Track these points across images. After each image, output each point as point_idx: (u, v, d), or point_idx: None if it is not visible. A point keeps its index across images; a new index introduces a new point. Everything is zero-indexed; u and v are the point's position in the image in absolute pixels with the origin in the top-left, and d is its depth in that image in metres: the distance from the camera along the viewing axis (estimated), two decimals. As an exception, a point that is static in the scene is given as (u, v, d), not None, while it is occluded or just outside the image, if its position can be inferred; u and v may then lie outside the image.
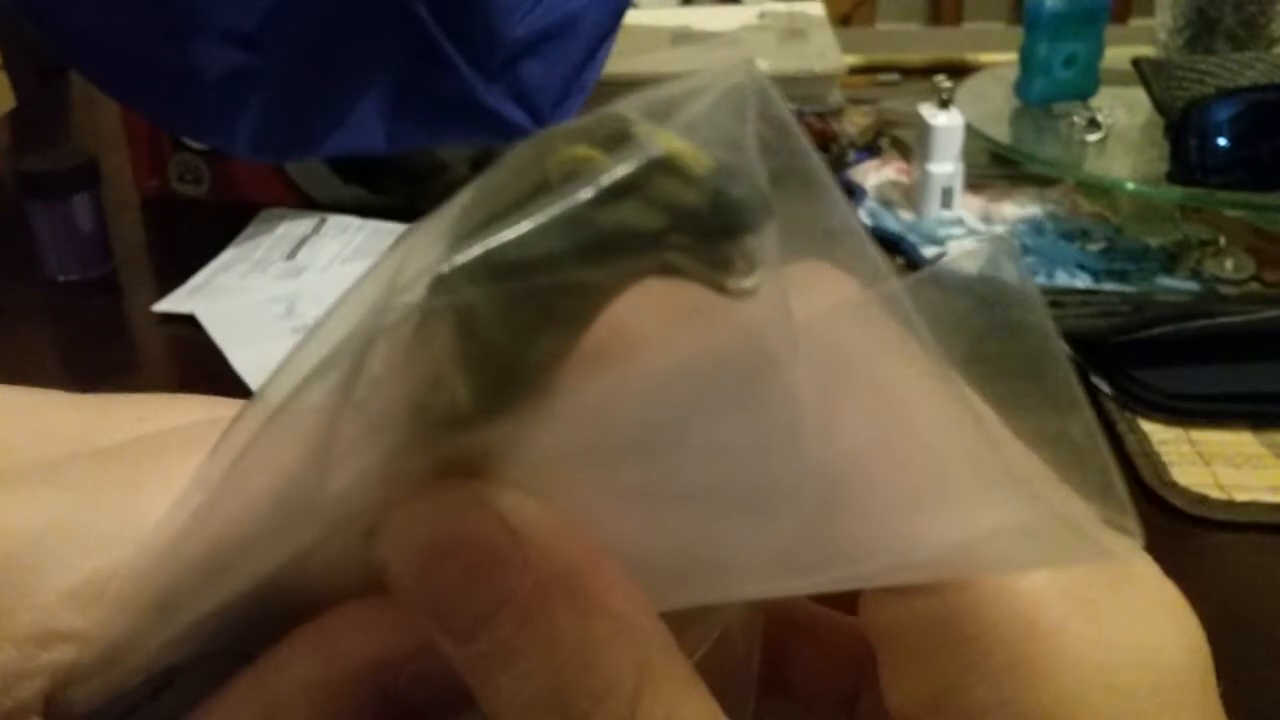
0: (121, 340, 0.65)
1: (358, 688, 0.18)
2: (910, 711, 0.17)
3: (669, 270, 0.14)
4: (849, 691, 0.21)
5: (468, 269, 0.14)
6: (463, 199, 0.15)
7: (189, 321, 0.63)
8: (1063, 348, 0.16)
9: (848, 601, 0.18)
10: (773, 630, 0.22)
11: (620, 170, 0.14)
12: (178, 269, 0.68)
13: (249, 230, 0.73)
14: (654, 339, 0.15)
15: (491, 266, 0.14)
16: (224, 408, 0.21)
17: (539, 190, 0.14)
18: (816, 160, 0.15)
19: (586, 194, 0.14)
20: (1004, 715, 0.16)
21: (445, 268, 0.14)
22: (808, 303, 0.15)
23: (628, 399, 0.16)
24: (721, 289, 0.14)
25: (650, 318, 0.15)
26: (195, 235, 0.73)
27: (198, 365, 0.61)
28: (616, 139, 0.14)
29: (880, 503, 0.16)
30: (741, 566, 0.17)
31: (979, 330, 0.16)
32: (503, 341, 0.15)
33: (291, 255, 0.70)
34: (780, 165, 0.14)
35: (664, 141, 0.14)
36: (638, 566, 0.17)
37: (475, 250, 0.14)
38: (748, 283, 0.14)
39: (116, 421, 0.21)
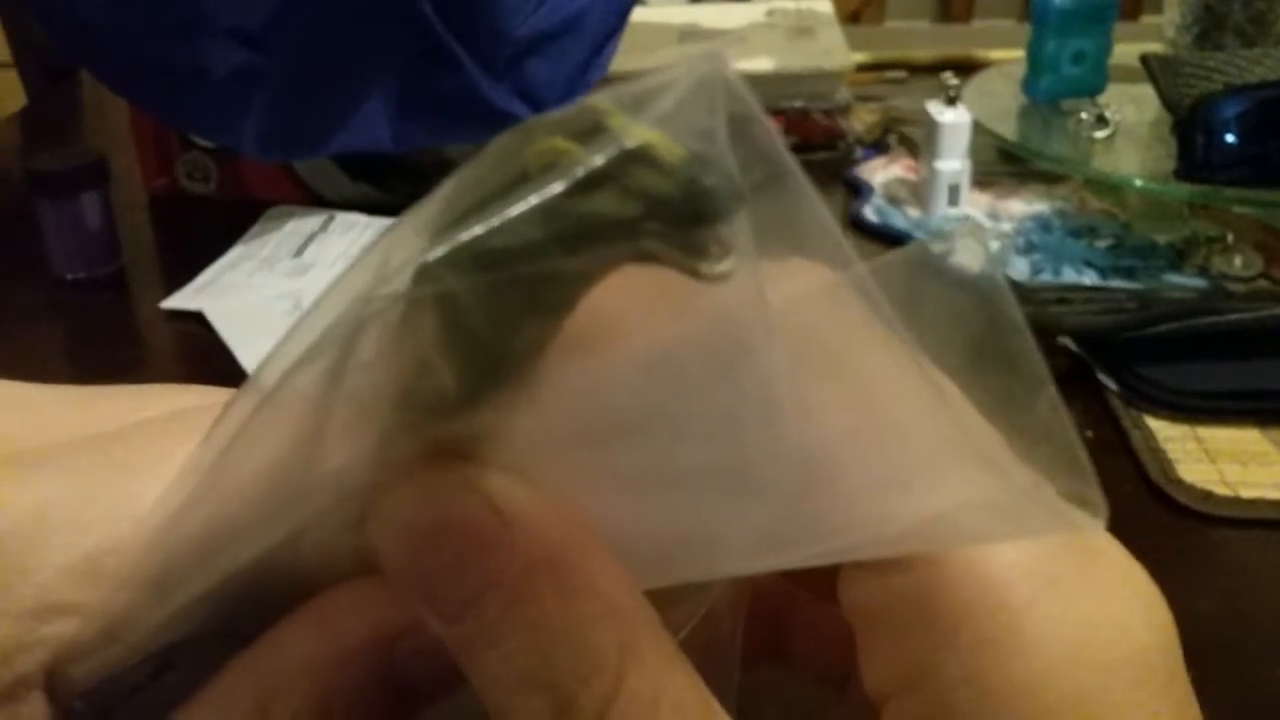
0: (129, 338, 0.66)
1: (355, 666, 0.18)
2: (885, 689, 0.17)
3: (646, 257, 0.15)
4: (842, 666, 0.21)
5: (450, 259, 0.15)
6: (444, 190, 0.15)
7: (197, 319, 0.63)
8: (1027, 329, 0.16)
9: (828, 586, 0.19)
10: (770, 603, 0.23)
11: (595, 161, 0.14)
12: (186, 267, 0.68)
13: (257, 228, 0.73)
14: (633, 325, 0.16)
15: (473, 256, 0.15)
16: (221, 395, 0.21)
17: (518, 181, 0.15)
18: (784, 150, 0.15)
19: (563, 185, 0.14)
20: (973, 691, 0.16)
21: (428, 258, 0.15)
22: (781, 288, 0.16)
23: (609, 384, 0.16)
24: (696, 274, 0.15)
25: (629, 303, 0.16)
26: (203, 233, 0.73)
27: (206, 363, 0.61)
28: (592, 131, 0.14)
29: (854, 481, 0.16)
30: (724, 545, 0.17)
31: (947, 313, 0.17)
32: (485, 329, 0.15)
33: (299, 253, 0.70)
34: (748, 156, 0.15)
35: (638, 133, 0.14)
36: (623, 546, 0.17)
37: (456, 241, 0.15)
38: (721, 268, 0.15)
39: (116, 412, 0.21)
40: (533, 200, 0.14)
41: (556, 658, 0.16)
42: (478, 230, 0.14)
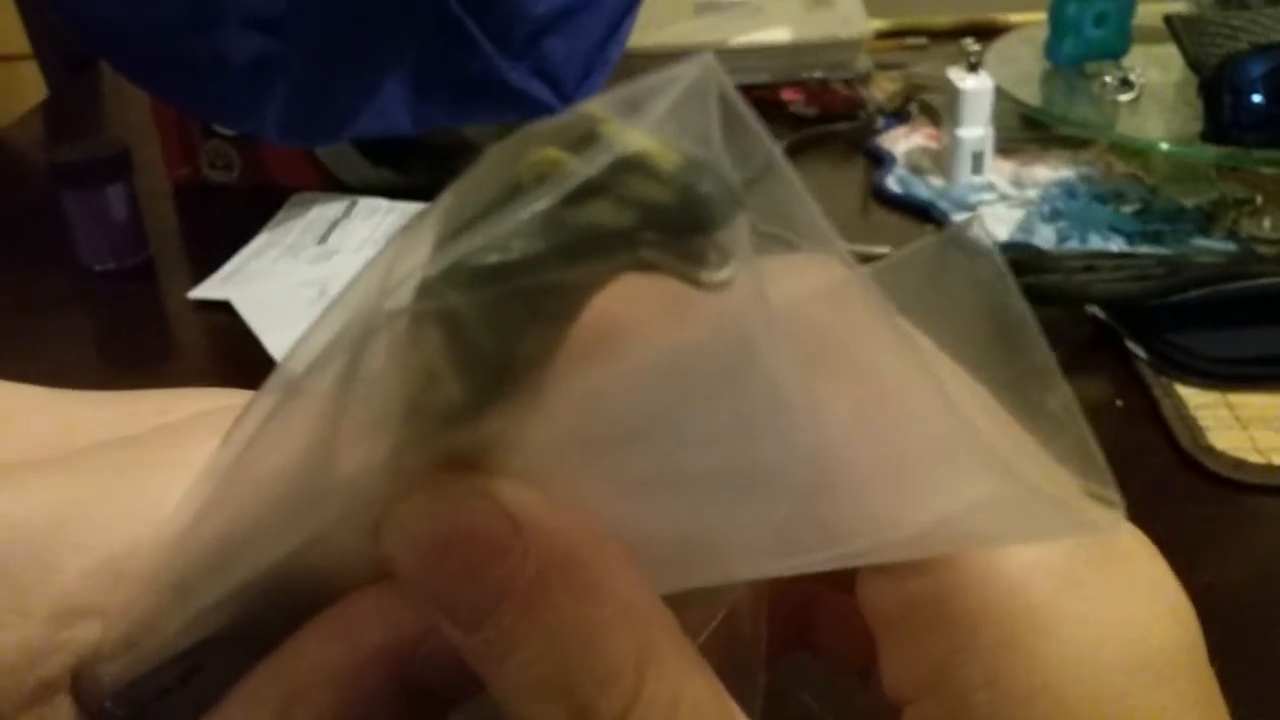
0: (157, 328, 0.66)
1: (375, 672, 0.18)
2: (905, 692, 0.17)
3: (645, 266, 0.15)
4: (864, 660, 0.22)
5: (448, 274, 0.15)
6: (445, 200, 0.15)
7: (224, 308, 0.64)
8: (1033, 322, 0.16)
9: (850, 581, 0.19)
10: (794, 596, 0.23)
11: (588, 171, 0.14)
12: (211, 255, 0.69)
13: (280, 215, 0.73)
14: (638, 331, 0.16)
15: (471, 271, 0.15)
16: (244, 398, 0.22)
17: (513, 193, 0.14)
18: (776, 152, 0.15)
19: (556, 196, 0.14)
20: (994, 693, 0.16)
21: (428, 273, 0.15)
22: (786, 287, 0.16)
23: (616, 391, 0.16)
24: (696, 282, 0.15)
25: (634, 310, 0.16)
26: (228, 221, 0.73)
27: (233, 351, 0.61)
28: (586, 139, 0.14)
29: (865, 483, 0.16)
30: (740, 548, 0.17)
31: (966, 300, 0.17)
32: (489, 341, 0.15)
33: (323, 239, 0.70)
34: (739, 154, 0.15)
35: (632, 139, 0.14)
36: (638, 551, 0.17)
37: (452, 256, 0.15)
38: (721, 275, 0.15)
39: (138, 415, 0.22)
40: (527, 213, 0.14)
41: (573, 664, 0.16)
42: (475, 245, 0.14)
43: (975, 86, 0.72)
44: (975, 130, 0.72)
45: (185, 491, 0.19)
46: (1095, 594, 0.17)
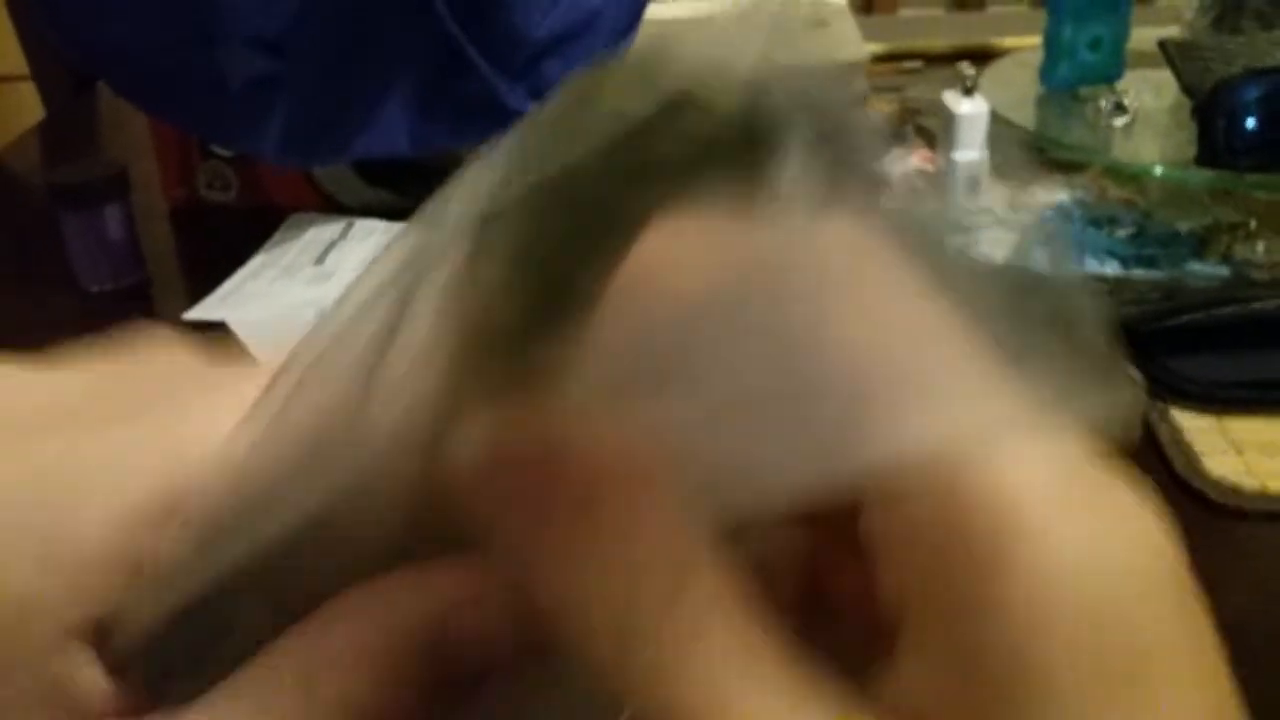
0: (155, 349, 0.66)
1: (406, 648, 0.18)
2: (899, 608, 0.18)
3: (702, 196, 0.16)
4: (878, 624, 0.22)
5: (516, 199, 0.15)
6: (511, 138, 0.16)
7: (220, 329, 0.64)
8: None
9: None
10: (817, 557, 0.23)
11: (652, 107, 0.15)
12: (208, 276, 0.69)
13: (277, 236, 0.73)
14: (686, 265, 0.17)
15: (538, 196, 0.15)
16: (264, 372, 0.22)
17: (577, 129, 0.15)
18: (838, 87, 0.16)
19: (619, 131, 0.15)
20: (981, 615, 0.17)
21: (495, 198, 0.16)
22: (826, 236, 0.17)
23: (664, 322, 0.17)
24: (749, 213, 0.16)
25: (680, 247, 0.17)
26: (225, 242, 0.73)
27: (230, 372, 0.61)
28: (648, 75, 0.15)
29: (887, 400, 0.17)
30: (782, 470, 0.18)
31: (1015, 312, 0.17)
32: (546, 269, 0.16)
33: (320, 260, 0.70)
34: (796, 93, 0.16)
35: (693, 74, 0.15)
36: (684, 479, 0.17)
37: (524, 181, 0.15)
38: (777, 207, 0.16)
39: (124, 376, 0.22)
40: (590, 145, 0.15)
41: (621, 577, 0.17)
42: (543, 172, 0.15)
43: (970, 110, 0.72)
44: (970, 154, 0.73)
45: (222, 443, 0.19)
46: (1086, 521, 0.17)
